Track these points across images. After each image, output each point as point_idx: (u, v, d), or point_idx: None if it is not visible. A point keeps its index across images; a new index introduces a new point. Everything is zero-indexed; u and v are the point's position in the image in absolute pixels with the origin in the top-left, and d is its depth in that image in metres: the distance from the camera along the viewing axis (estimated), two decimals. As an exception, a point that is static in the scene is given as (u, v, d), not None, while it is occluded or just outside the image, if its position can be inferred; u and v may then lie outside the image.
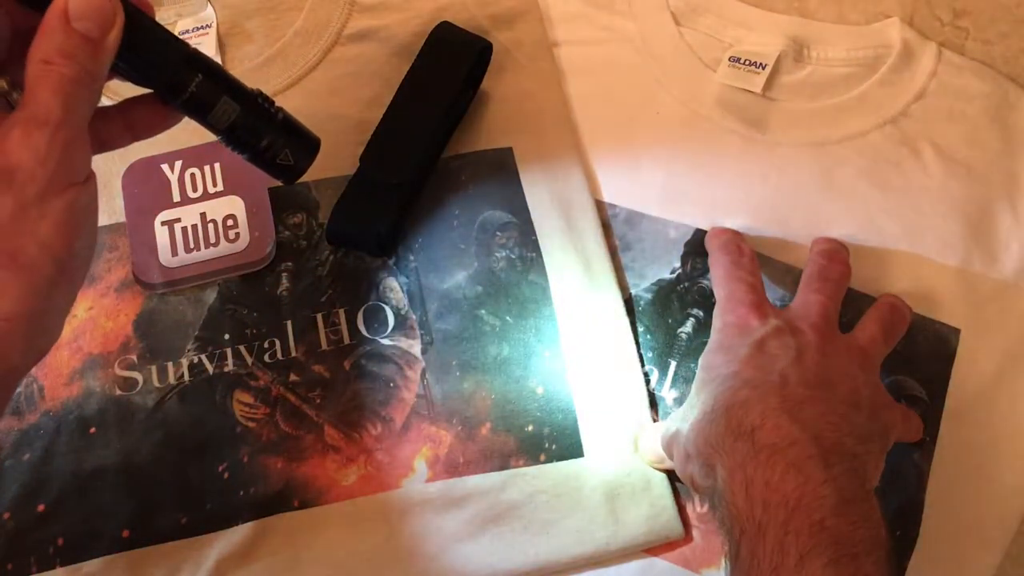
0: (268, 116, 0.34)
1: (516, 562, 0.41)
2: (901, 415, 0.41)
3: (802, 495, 0.32)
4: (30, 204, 0.27)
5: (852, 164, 0.48)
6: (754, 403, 0.36)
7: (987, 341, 0.45)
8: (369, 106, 0.48)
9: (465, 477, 0.42)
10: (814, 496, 0.32)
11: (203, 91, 0.32)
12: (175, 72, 0.31)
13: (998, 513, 0.43)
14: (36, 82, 0.27)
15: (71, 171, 0.28)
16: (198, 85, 0.31)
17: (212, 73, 0.32)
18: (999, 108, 0.49)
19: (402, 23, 0.52)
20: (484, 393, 0.44)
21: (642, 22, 0.53)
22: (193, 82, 0.31)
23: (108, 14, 0.28)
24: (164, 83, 0.31)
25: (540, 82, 0.51)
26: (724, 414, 0.36)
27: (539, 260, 0.46)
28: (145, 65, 0.31)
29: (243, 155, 0.34)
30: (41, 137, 0.26)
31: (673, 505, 0.42)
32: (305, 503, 0.42)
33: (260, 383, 0.44)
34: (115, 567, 0.40)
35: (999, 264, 0.46)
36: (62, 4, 0.27)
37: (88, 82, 0.28)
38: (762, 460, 0.33)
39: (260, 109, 0.34)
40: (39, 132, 0.27)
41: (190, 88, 0.31)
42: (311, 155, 0.36)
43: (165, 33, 0.31)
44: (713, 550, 0.41)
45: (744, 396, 0.36)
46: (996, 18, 0.51)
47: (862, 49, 0.50)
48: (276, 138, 0.34)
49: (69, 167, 0.28)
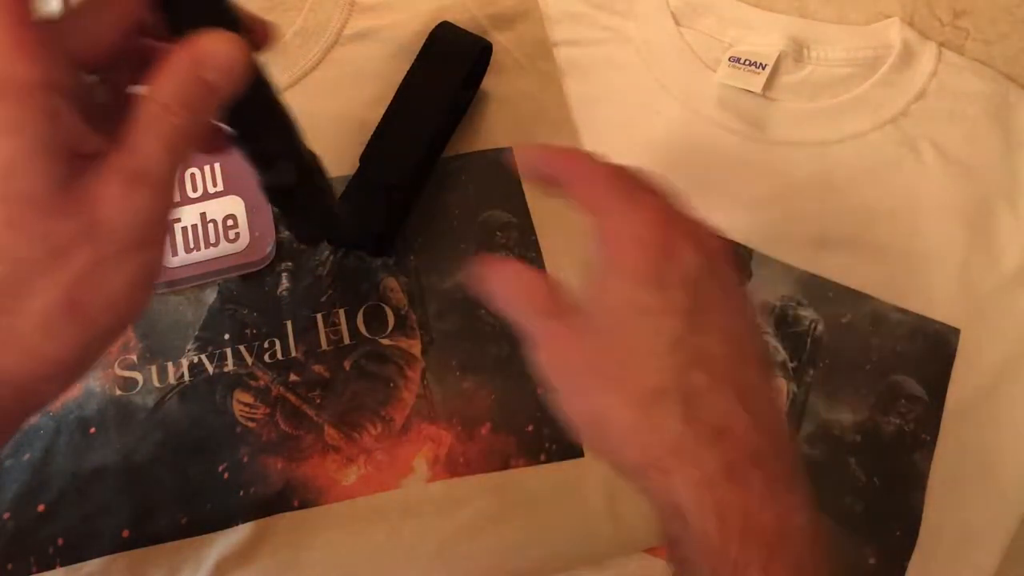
0: (315, 192, 0.33)
1: (516, 562, 0.41)
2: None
3: (780, 527, 0.26)
4: (108, 259, 0.24)
5: (852, 164, 0.48)
6: (715, 394, 0.27)
7: (987, 341, 0.45)
8: (369, 106, 0.48)
9: (465, 477, 0.42)
10: (791, 528, 0.26)
11: (273, 149, 0.30)
12: (260, 125, 0.29)
13: (998, 513, 0.43)
14: (146, 127, 0.24)
15: (157, 232, 0.26)
16: (273, 142, 0.30)
17: (288, 133, 0.30)
18: (999, 108, 0.49)
19: (402, 23, 0.51)
20: (484, 393, 0.44)
21: (642, 22, 0.53)
22: (270, 138, 0.30)
23: (241, 69, 0.25)
24: (243, 130, 0.29)
25: (540, 82, 0.51)
26: (680, 402, 0.27)
27: (539, 260, 0.46)
28: (237, 114, 0.28)
29: (269, 203, 0.34)
30: (141, 198, 0.24)
31: (673, 505, 0.42)
32: (305, 503, 0.42)
33: (260, 383, 0.44)
34: (115, 567, 0.40)
35: (999, 264, 0.46)
36: (198, 47, 0.24)
37: (197, 136, 0.25)
38: (737, 479, 0.26)
39: (311, 184, 0.33)
40: (140, 191, 0.24)
41: (264, 143, 0.30)
42: (329, 235, 0.35)
43: (269, 87, 0.28)
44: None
45: (700, 382, 0.27)
46: (996, 18, 0.51)
47: (862, 49, 0.50)
48: (308, 210, 0.34)
49: (157, 228, 0.25)
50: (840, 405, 0.44)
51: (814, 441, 0.44)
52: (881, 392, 0.44)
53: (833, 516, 0.42)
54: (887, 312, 0.45)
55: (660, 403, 0.27)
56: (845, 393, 0.44)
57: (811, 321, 0.45)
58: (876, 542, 0.42)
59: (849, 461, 0.43)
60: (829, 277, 0.46)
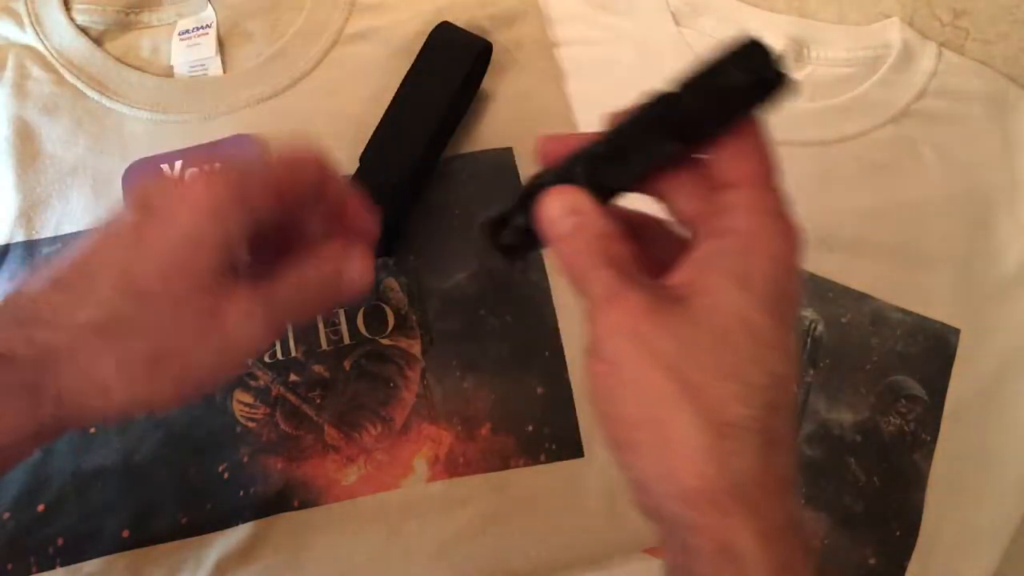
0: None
1: (516, 562, 0.41)
2: None
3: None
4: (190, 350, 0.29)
5: (852, 164, 0.48)
6: (787, 444, 0.24)
7: (987, 341, 0.45)
8: (369, 106, 0.48)
9: (465, 477, 0.42)
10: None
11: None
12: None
13: (998, 513, 0.43)
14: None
15: (236, 355, 0.30)
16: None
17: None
18: (999, 108, 0.49)
19: (402, 23, 0.51)
20: (484, 393, 0.44)
21: (642, 22, 0.53)
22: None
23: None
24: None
25: (540, 82, 0.51)
26: (762, 444, 0.23)
27: (539, 259, 0.46)
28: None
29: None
30: (254, 327, 0.29)
31: (673, 505, 0.42)
32: (305, 503, 0.42)
33: (260, 383, 0.44)
34: (115, 567, 0.40)
35: (999, 264, 0.46)
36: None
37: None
38: (798, 535, 0.24)
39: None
40: (256, 322, 0.29)
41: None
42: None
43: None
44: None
45: (780, 429, 0.24)
46: (996, 18, 0.51)
47: (862, 49, 0.50)
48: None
49: (236, 354, 0.30)
50: (840, 405, 0.44)
51: (814, 441, 0.44)
52: (881, 392, 0.44)
53: (833, 516, 0.42)
54: (887, 312, 0.45)
55: (739, 437, 0.23)
56: (845, 393, 0.44)
57: (811, 321, 0.45)
58: (876, 542, 0.42)
59: (849, 461, 0.43)
60: (829, 277, 0.46)
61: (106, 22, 0.51)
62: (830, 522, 0.42)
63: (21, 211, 0.47)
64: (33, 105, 0.49)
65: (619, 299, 0.24)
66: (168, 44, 0.52)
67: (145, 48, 0.52)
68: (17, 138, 0.48)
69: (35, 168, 0.48)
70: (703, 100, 0.25)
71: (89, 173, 0.48)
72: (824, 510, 0.42)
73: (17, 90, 0.49)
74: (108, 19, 0.51)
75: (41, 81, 0.50)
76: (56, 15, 0.51)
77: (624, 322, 0.24)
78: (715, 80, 0.25)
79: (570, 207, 0.26)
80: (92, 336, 0.27)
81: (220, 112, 0.49)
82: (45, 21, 0.51)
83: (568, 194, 0.26)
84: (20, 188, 0.47)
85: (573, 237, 0.26)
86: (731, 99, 0.25)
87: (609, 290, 0.25)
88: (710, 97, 0.25)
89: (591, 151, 0.26)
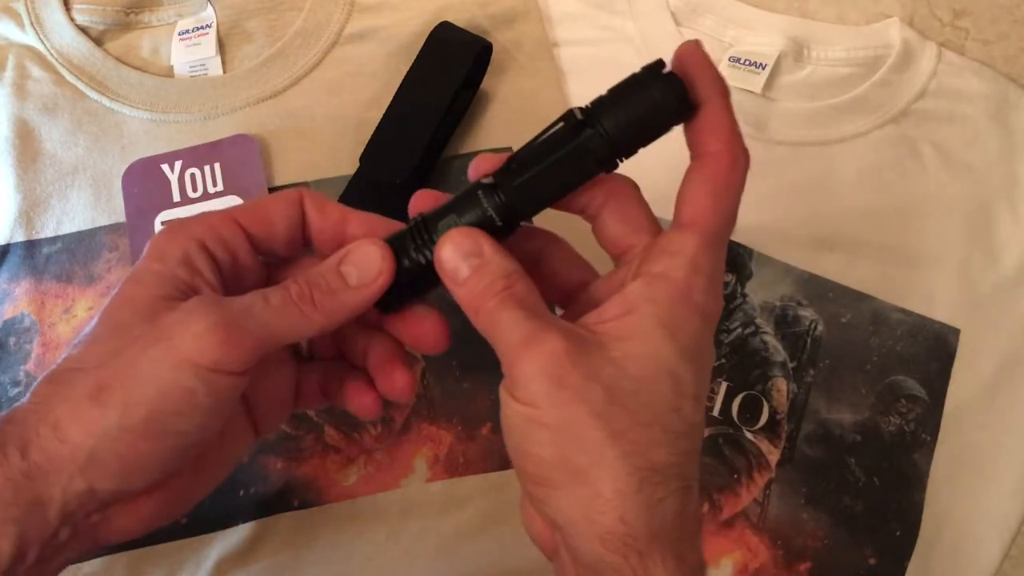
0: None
1: (516, 562, 0.41)
2: None
3: None
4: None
5: (852, 164, 0.48)
6: (697, 489, 0.25)
7: (987, 341, 0.45)
8: (369, 106, 0.48)
9: (465, 477, 0.42)
10: None
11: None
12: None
13: (998, 513, 0.43)
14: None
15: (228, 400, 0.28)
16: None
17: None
18: (999, 108, 0.49)
19: (402, 23, 0.51)
20: (484, 393, 0.44)
21: (642, 22, 0.53)
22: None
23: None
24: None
25: (540, 82, 0.51)
26: (681, 490, 0.24)
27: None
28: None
29: None
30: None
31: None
32: (305, 503, 0.42)
33: (260, 383, 0.44)
34: (115, 567, 0.40)
35: (999, 264, 0.46)
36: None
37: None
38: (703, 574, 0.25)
39: None
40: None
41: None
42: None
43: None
44: (711, 550, 0.41)
45: (694, 475, 0.25)
46: (996, 18, 0.51)
47: (862, 49, 0.50)
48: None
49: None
50: (840, 405, 0.44)
51: (814, 441, 0.44)
52: (881, 392, 0.44)
53: (833, 516, 0.42)
54: (887, 312, 0.45)
55: (663, 483, 0.23)
56: (845, 393, 0.44)
57: (811, 321, 0.45)
58: (876, 542, 0.42)
59: (849, 461, 0.43)
60: (829, 277, 0.46)
61: (106, 22, 0.51)
62: (830, 522, 0.42)
63: (21, 211, 0.47)
64: (33, 105, 0.49)
65: (536, 343, 0.24)
66: (168, 44, 0.52)
67: (145, 48, 0.52)
68: (17, 138, 0.48)
69: (35, 168, 0.48)
70: (611, 116, 0.26)
71: (89, 173, 0.48)
72: (824, 510, 0.43)
73: (17, 90, 0.49)
74: (108, 19, 0.51)
75: (41, 81, 0.50)
76: (56, 15, 0.51)
77: (547, 368, 0.23)
78: (622, 94, 0.27)
79: (468, 250, 0.26)
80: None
81: (220, 112, 0.49)
82: (45, 21, 0.51)
83: (465, 237, 0.26)
84: (20, 188, 0.47)
85: (474, 280, 0.26)
86: (636, 105, 0.27)
87: (523, 333, 0.24)
88: (617, 111, 0.26)
89: (499, 172, 0.27)
